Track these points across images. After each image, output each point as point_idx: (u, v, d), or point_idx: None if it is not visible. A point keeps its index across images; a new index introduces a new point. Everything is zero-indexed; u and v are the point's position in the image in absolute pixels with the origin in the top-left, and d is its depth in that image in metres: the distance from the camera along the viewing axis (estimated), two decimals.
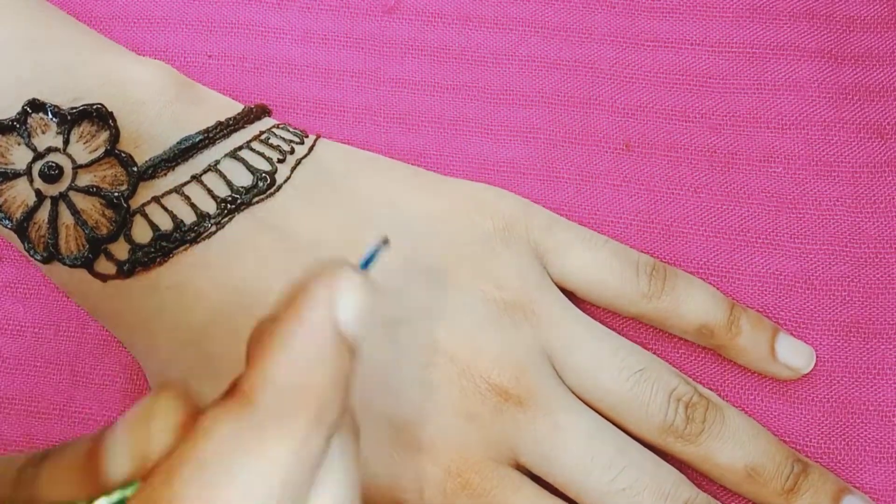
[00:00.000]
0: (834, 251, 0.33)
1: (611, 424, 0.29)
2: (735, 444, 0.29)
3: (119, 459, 0.19)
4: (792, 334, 0.32)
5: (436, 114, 0.35)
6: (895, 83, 0.34)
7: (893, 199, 0.33)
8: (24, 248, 0.29)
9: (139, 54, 0.36)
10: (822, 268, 0.32)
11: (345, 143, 0.34)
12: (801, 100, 0.34)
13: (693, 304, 0.31)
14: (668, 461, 0.29)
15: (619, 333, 0.31)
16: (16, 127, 0.29)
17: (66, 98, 0.29)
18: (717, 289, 0.32)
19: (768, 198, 0.33)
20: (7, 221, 0.29)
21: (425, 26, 0.36)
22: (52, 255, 0.29)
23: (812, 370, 0.31)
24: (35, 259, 0.29)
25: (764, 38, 0.35)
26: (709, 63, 0.35)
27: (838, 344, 0.32)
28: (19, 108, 0.29)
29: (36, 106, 0.29)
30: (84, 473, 0.19)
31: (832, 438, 0.31)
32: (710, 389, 0.32)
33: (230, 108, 0.32)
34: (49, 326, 0.34)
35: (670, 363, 0.32)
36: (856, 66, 0.35)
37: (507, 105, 0.35)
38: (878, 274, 0.32)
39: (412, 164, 0.34)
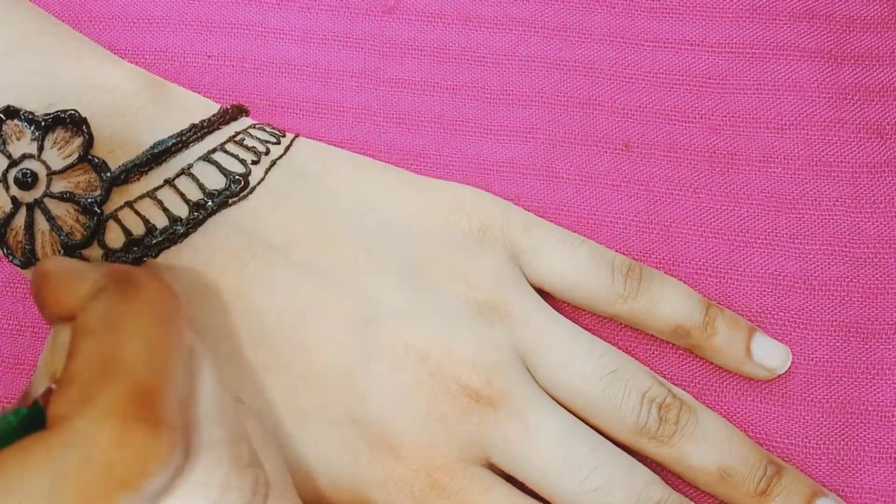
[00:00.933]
0: (833, 251, 0.33)
1: (583, 424, 0.29)
2: (708, 446, 0.29)
3: (37, 384, 0.22)
4: (791, 335, 0.32)
5: (435, 114, 0.35)
6: (895, 83, 0.34)
7: (893, 199, 0.33)
8: (4, 253, 0.29)
9: (139, 54, 0.36)
10: (822, 268, 0.32)
11: (344, 143, 0.34)
12: (800, 100, 0.34)
13: (668, 304, 0.31)
14: (642, 462, 0.29)
15: (596, 333, 0.31)
16: None
17: (42, 103, 0.29)
18: (716, 289, 0.32)
19: (768, 198, 0.33)
20: None
21: (425, 26, 0.36)
22: (29, 260, 0.29)
23: (811, 370, 0.31)
24: (14, 264, 0.29)
25: (763, 38, 0.35)
26: (708, 63, 0.35)
27: (837, 344, 0.32)
28: None
29: (10, 112, 0.29)
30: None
31: (832, 439, 0.31)
32: (705, 391, 0.32)
33: (205, 109, 0.32)
34: (47, 326, 0.34)
35: (655, 363, 0.32)
36: (856, 66, 0.35)
37: (507, 105, 0.35)
38: (877, 274, 0.32)
39: (412, 164, 0.34)
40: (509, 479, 0.29)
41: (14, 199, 0.29)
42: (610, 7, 0.36)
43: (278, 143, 0.32)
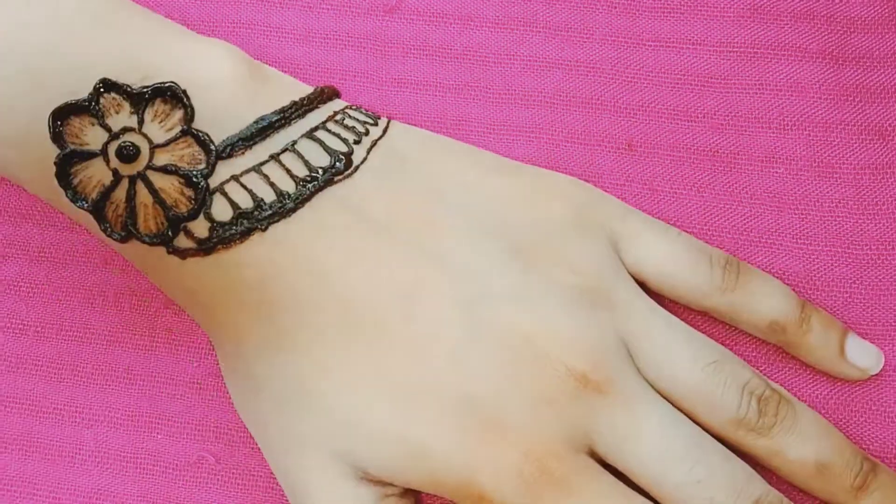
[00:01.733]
0: (836, 252, 0.33)
1: (685, 416, 0.29)
2: (806, 440, 0.29)
3: None
4: None
5: (437, 114, 0.35)
6: None
7: (895, 200, 0.33)
8: (101, 228, 0.29)
9: None
10: (825, 269, 0.33)
11: None
12: (802, 100, 0.34)
13: (766, 299, 0.31)
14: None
15: None
16: (89, 107, 0.28)
17: (136, 77, 0.29)
18: None
19: (770, 198, 0.33)
20: (83, 202, 0.28)
21: (427, 26, 0.36)
22: (130, 233, 0.28)
23: (812, 370, 0.32)
24: (112, 238, 0.29)
25: (765, 38, 0.35)
26: (710, 63, 0.35)
27: None
28: (90, 89, 0.28)
29: (108, 85, 0.28)
30: None
31: None
32: None
33: (300, 88, 0.32)
34: (51, 325, 0.34)
35: None
36: (857, 67, 0.35)
37: (509, 105, 0.35)
38: (880, 275, 0.32)
39: None
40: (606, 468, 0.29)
41: (115, 172, 0.28)
42: (612, 6, 0.36)
43: (375, 124, 0.32)
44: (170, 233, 0.28)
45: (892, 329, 0.32)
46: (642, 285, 0.31)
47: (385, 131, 0.32)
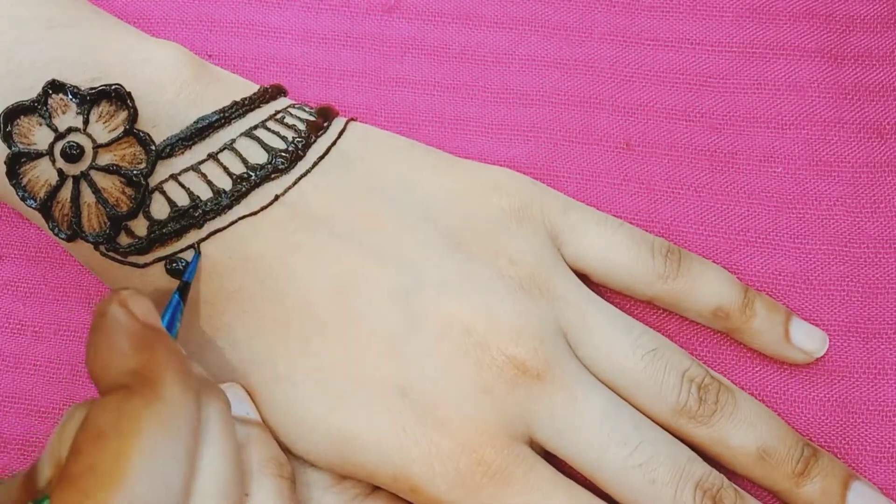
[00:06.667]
0: (834, 251, 0.33)
1: (625, 402, 0.29)
2: (747, 427, 0.29)
3: (43, 466, 0.22)
4: None
5: (436, 113, 0.35)
6: (895, 83, 0.34)
7: (893, 198, 0.33)
8: (49, 226, 0.29)
9: None
10: (822, 267, 0.32)
11: None
12: (800, 99, 0.34)
13: (708, 286, 0.31)
14: None
15: None
16: (37, 108, 0.29)
17: (85, 78, 0.29)
18: None
19: (768, 197, 0.33)
20: (32, 201, 0.29)
21: (425, 25, 0.36)
22: (75, 233, 0.29)
23: (811, 370, 0.32)
24: (60, 237, 0.29)
25: (764, 37, 0.35)
26: (709, 62, 0.35)
27: (838, 344, 0.32)
28: (40, 89, 0.29)
29: (56, 86, 0.29)
30: (23, 488, 0.22)
31: (832, 438, 0.31)
32: None
33: (246, 88, 0.32)
34: (49, 325, 0.34)
35: None
36: (856, 65, 0.35)
37: (508, 104, 0.35)
38: (877, 274, 0.32)
39: None
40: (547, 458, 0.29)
41: (60, 172, 0.29)
42: (610, 6, 0.36)
43: (320, 122, 0.32)
44: (111, 231, 0.29)
45: (889, 327, 0.32)
46: (586, 277, 0.31)
47: (327, 128, 0.32)
